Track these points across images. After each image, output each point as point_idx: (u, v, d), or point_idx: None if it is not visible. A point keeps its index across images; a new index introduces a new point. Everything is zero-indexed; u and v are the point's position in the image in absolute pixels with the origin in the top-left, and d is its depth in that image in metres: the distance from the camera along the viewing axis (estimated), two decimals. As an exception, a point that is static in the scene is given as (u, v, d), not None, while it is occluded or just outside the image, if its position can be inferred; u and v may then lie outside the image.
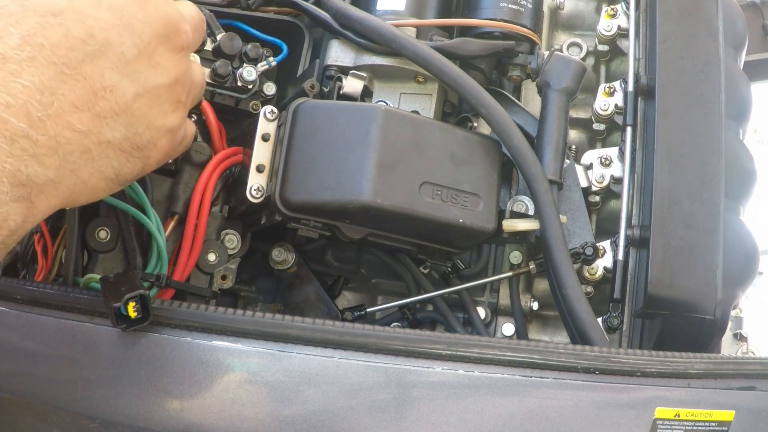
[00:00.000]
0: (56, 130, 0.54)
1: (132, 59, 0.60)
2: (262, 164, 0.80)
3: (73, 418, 0.68)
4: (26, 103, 0.52)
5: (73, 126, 0.55)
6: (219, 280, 0.89)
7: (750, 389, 0.71)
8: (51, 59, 0.54)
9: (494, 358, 0.69)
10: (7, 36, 0.53)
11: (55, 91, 0.54)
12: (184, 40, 0.66)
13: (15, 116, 0.52)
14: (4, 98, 0.51)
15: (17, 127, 0.52)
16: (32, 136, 0.53)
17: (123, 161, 0.61)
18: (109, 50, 0.58)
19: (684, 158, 0.84)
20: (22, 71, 0.53)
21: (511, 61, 0.95)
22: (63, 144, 0.55)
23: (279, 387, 0.68)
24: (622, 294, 0.86)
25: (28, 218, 0.54)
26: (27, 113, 0.52)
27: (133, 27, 0.60)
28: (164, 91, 0.63)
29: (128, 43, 0.59)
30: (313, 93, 0.86)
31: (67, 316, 0.70)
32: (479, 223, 0.81)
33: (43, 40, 0.54)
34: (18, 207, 0.52)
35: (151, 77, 0.61)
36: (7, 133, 0.51)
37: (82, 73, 0.56)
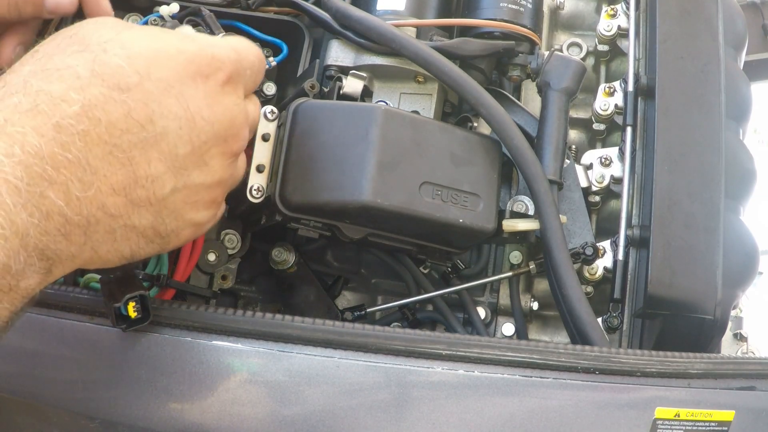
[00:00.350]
0: (90, 211, 0.53)
1: (183, 155, 0.58)
2: (262, 164, 0.80)
3: (73, 418, 0.68)
4: (68, 181, 0.51)
5: (106, 208, 0.54)
6: (219, 280, 0.89)
7: (750, 389, 0.71)
8: (104, 137, 0.53)
9: (494, 358, 0.69)
10: (68, 102, 0.52)
11: (98, 172, 0.53)
12: (240, 146, 0.64)
13: (55, 193, 0.50)
14: (49, 173, 0.50)
15: (55, 204, 0.51)
16: (67, 214, 0.51)
17: (142, 245, 0.59)
18: (164, 141, 0.56)
19: (684, 158, 0.84)
20: (71, 144, 0.51)
21: (511, 61, 0.95)
22: (92, 224, 0.54)
23: (279, 387, 0.68)
24: (622, 294, 0.86)
25: (42, 284, 0.53)
26: (66, 191, 0.51)
27: (195, 123, 0.58)
28: (203, 191, 0.61)
29: (185, 138, 0.57)
30: (313, 93, 0.86)
31: (67, 316, 0.70)
32: (479, 223, 0.81)
33: (101, 114, 0.53)
34: (38, 278, 0.52)
35: (194, 176, 0.59)
36: (45, 209, 0.50)
37: (130, 158, 0.54)
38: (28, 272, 0.50)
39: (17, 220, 0.48)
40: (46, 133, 0.50)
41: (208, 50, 0.60)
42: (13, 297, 0.50)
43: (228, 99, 0.61)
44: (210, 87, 0.59)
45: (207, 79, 0.59)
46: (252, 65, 0.65)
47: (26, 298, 0.52)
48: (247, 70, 0.64)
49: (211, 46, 0.61)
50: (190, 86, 0.58)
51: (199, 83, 0.58)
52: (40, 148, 0.50)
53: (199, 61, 0.59)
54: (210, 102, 0.59)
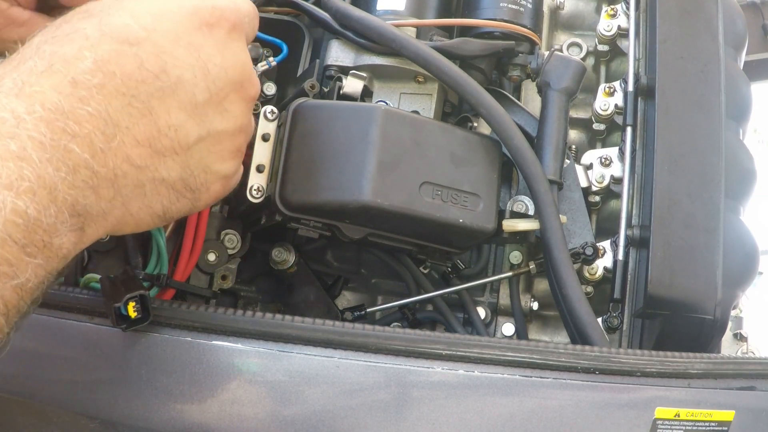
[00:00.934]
0: (115, 163, 0.54)
1: (202, 102, 0.59)
2: (262, 164, 0.80)
3: (73, 418, 0.68)
4: (90, 134, 0.52)
5: (131, 160, 0.55)
6: (219, 280, 0.89)
7: (750, 389, 0.71)
8: (121, 89, 0.54)
9: (494, 358, 0.69)
10: (81, 59, 0.53)
11: (120, 124, 0.54)
12: (254, 91, 0.65)
13: (79, 146, 0.51)
14: (71, 127, 0.51)
15: (80, 157, 0.51)
16: (93, 167, 0.52)
17: (173, 200, 0.60)
18: (181, 89, 0.57)
19: (684, 158, 0.84)
20: (90, 98, 0.52)
21: (511, 61, 0.95)
22: (120, 177, 0.54)
23: (279, 387, 0.68)
24: (622, 294, 0.86)
25: (78, 246, 0.53)
26: (90, 144, 0.52)
27: (209, 70, 0.59)
28: (227, 138, 0.62)
29: (201, 85, 0.58)
30: (313, 93, 0.86)
31: (67, 316, 0.70)
32: (479, 223, 0.81)
33: (116, 68, 0.54)
34: (72, 236, 0.52)
35: (217, 122, 0.61)
36: (71, 163, 0.51)
37: (149, 107, 0.55)
38: (61, 229, 0.50)
39: (44, 174, 0.49)
40: (64, 90, 0.51)
41: (209, 2, 0.61)
42: (48, 255, 0.50)
43: (236, 45, 0.62)
44: (217, 35, 0.60)
45: (212, 28, 0.60)
46: (249, 14, 0.66)
47: (62, 259, 0.52)
48: (245, 18, 0.65)
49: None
50: (197, 36, 0.59)
51: (205, 32, 0.59)
52: (60, 104, 0.51)
53: (201, 12, 0.60)
54: (220, 49, 0.60)
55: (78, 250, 0.54)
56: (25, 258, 0.48)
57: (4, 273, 0.47)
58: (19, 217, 0.47)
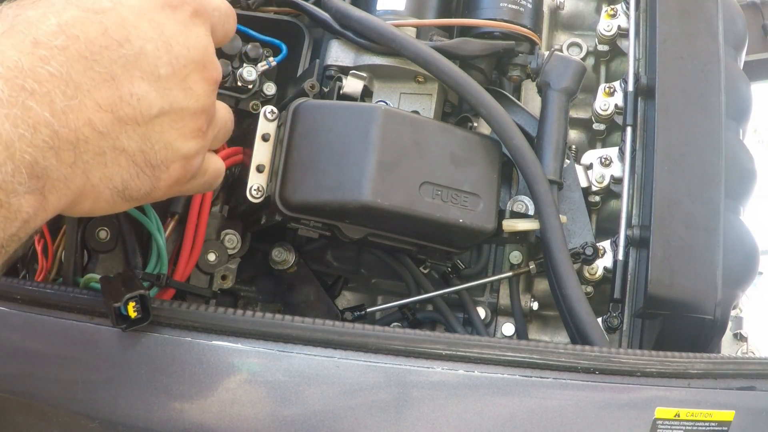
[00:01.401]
0: (77, 125, 0.53)
1: (165, 76, 0.59)
2: (262, 164, 0.80)
3: (73, 418, 0.68)
4: (50, 92, 0.51)
5: (93, 124, 0.55)
6: (219, 280, 0.89)
7: (750, 389, 0.71)
8: (83, 53, 0.54)
9: (494, 358, 0.69)
10: (44, 22, 0.53)
11: (81, 86, 0.54)
12: (217, 74, 0.65)
13: (38, 104, 0.51)
14: (30, 84, 0.50)
15: (40, 115, 0.51)
16: (54, 126, 0.52)
17: (133, 174, 0.60)
18: (144, 60, 0.58)
19: (684, 158, 0.84)
20: (51, 59, 0.52)
21: (511, 61, 0.95)
22: (81, 141, 0.54)
23: (279, 387, 0.68)
24: (622, 294, 0.86)
25: (38, 212, 0.53)
26: (50, 102, 0.52)
27: (172, 47, 0.60)
28: (189, 116, 0.62)
29: (164, 59, 0.59)
30: (313, 93, 0.86)
31: (67, 316, 0.70)
32: (479, 223, 0.81)
33: (79, 32, 0.54)
34: (31, 199, 0.51)
35: (180, 98, 0.61)
36: (30, 120, 0.50)
37: (112, 74, 0.55)
38: (19, 189, 0.50)
39: (1, 130, 0.48)
40: (24, 49, 0.51)
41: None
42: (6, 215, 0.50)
43: (198, 29, 0.63)
44: (179, 16, 0.61)
45: (175, 10, 0.61)
46: (218, 8, 0.67)
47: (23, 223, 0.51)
48: (215, 12, 0.66)
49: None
50: (161, 15, 0.60)
51: (168, 13, 0.61)
52: (20, 62, 0.50)
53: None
54: (182, 29, 0.61)
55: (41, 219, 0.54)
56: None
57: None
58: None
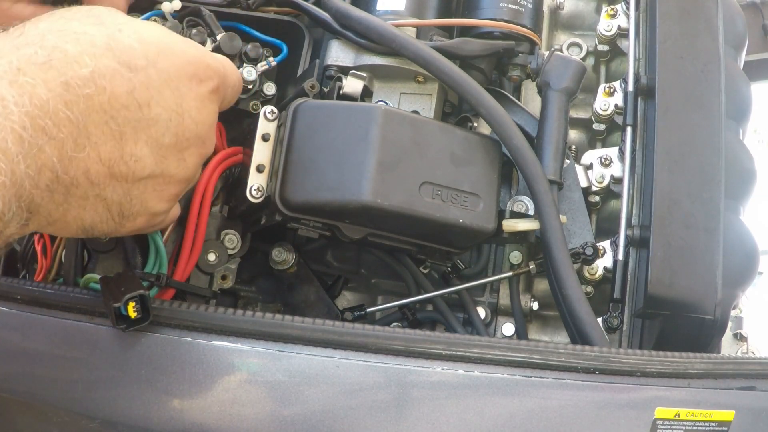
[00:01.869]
0: (76, 173, 0.55)
1: (166, 145, 0.61)
2: (262, 164, 0.80)
3: (73, 418, 0.68)
4: (65, 139, 0.53)
5: (89, 174, 0.56)
6: (219, 280, 0.89)
7: (750, 389, 0.71)
8: (104, 106, 0.55)
9: (494, 358, 0.69)
10: (80, 65, 0.54)
11: (91, 137, 0.55)
12: (210, 150, 0.69)
13: (50, 149, 0.52)
14: (50, 128, 0.52)
15: (49, 159, 0.53)
16: (57, 172, 0.54)
17: (103, 219, 0.62)
18: (154, 127, 0.59)
19: (684, 158, 0.84)
20: (74, 105, 0.53)
21: (511, 61, 0.95)
22: (73, 186, 0.56)
23: (279, 387, 0.68)
24: (622, 294, 0.86)
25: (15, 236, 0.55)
26: (61, 149, 0.53)
27: (183, 119, 0.62)
28: (173, 183, 0.65)
29: (173, 130, 0.61)
30: (313, 93, 0.86)
31: (67, 316, 0.70)
32: (479, 223, 0.81)
33: (107, 84, 0.55)
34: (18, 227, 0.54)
35: (172, 167, 0.63)
36: (39, 162, 0.52)
37: (122, 133, 0.57)
38: (14, 221, 0.52)
39: (17, 170, 0.50)
40: (54, 89, 0.53)
41: (206, 58, 0.65)
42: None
43: (212, 107, 0.66)
44: (201, 91, 0.64)
45: (201, 83, 0.64)
46: (234, 85, 0.71)
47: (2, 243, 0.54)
48: (229, 89, 0.70)
49: (208, 56, 0.66)
50: (186, 85, 0.62)
51: (193, 85, 0.63)
52: (47, 102, 0.52)
53: (197, 63, 0.63)
54: (198, 105, 0.64)
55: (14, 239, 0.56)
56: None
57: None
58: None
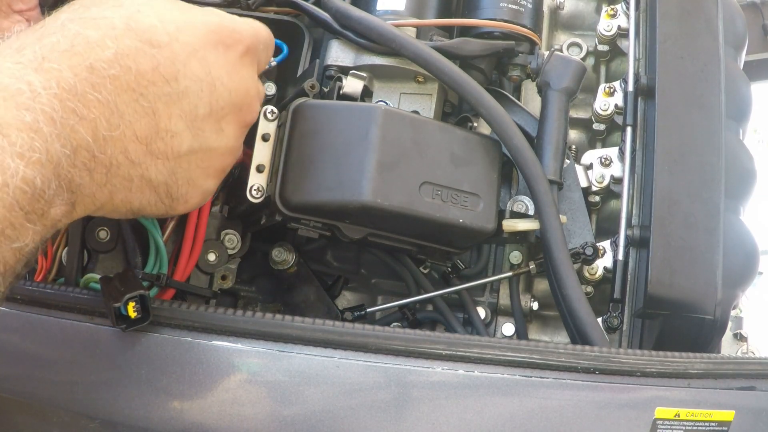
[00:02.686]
0: (113, 152, 0.56)
1: (201, 116, 0.62)
2: (262, 164, 0.80)
3: (73, 418, 0.68)
4: (96, 119, 0.54)
5: (128, 153, 0.57)
6: (219, 280, 0.89)
7: (750, 389, 0.71)
8: (132, 85, 0.56)
9: (494, 358, 0.69)
10: (103, 48, 0.55)
11: (124, 116, 0.56)
12: (252, 117, 0.68)
13: (84, 129, 0.54)
14: (80, 109, 0.53)
15: (84, 139, 0.54)
16: (93, 151, 0.55)
17: (152, 202, 0.62)
18: (185, 100, 0.60)
19: (684, 158, 0.84)
20: (102, 87, 0.55)
21: (511, 61, 0.95)
22: (114, 166, 0.57)
23: (279, 387, 0.68)
24: (622, 294, 0.86)
25: (64, 219, 0.56)
26: (94, 128, 0.54)
27: (215, 88, 0.62)
28: (216, 156, 0.65)
29: (205, 100, 0.61)
30: (313, 93, 0.86)
31: (67, 316, 0.70)
32: (479, 223, 0.81)
33: (132, 63, 0.56)
34: (63, 209, 0.55)
35: (210, 139, 0.63)
36: (74, 142, 0.53)
37: (154, 109, 0.58)
38: (57, 201, 0.53)
39: (52, 149, 0.51)
40: (80, 73, 0.54)
41: (229, 24, 0.65)
42: (44, 223, 0.53)
43: (245, 71, 0.66)
44: (230, 57, 0.64)
45: (228, 49, 0.64)
46: (265, 42, 0.70)
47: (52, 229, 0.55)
48: (261, 46, 0.68)
49: (232, 20, 0.66)
50: (212, 53, 0.62)
51: (220, 51, 0.63)
52: (74, 86, 0.53)
53: (221, 31, 0.63)
54: (229, 70, 0.64)
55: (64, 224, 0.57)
56: (26, 224, 0.51)
57: (7, 236, 0.50)
58: (27, 185, 0.50)
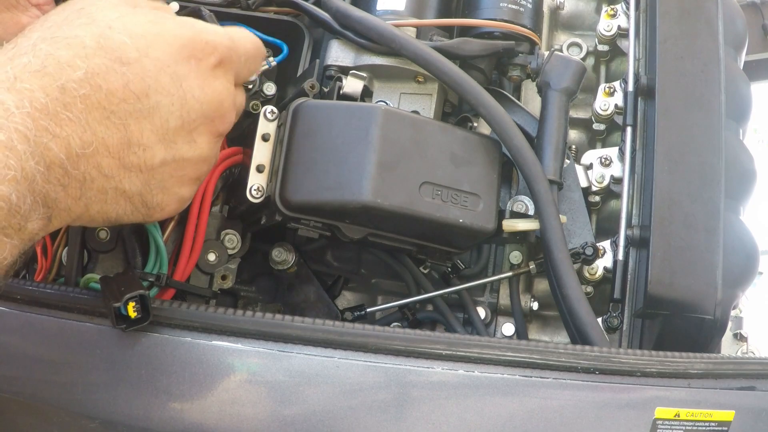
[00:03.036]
0: (86, 168, 0.58)
1: (173, 129, 0.63)
2: (262, 164, 0.80)
3: (73, 418, 0.68)
4: (69, 137, 0.56)
5: (100, 167, 0.59)
6: (219, 280, 0.89)
7: (750, 389, 0.71)
8: (103, 103, 0.57)
9: (494, 358, 0.69)
10: (73, 68, 0.56)
11: (96, 133, 0.57)
12: (225, 128, 0.69)
13: (57, 146, 0.55)
14: (53, 128, 0.55)
15: (57, 156, 0.55)
16: (67, 167, 0.56)
17: (128, 211, 0.64)
18: (156, 114, 0.61)
19: (684, 158, 0.84)
20: (73, 106, 0.56)
21: (511, 61, 0.95)
22: (87, 181, 0.58)
23: (279, 387, 0.68)
24: (622, 294, 0.86)
25: (42, 232, 0.57)
26: (67, 146, 0.56)
27: (186, 101, 0.63)
28: (189, 166, 0.66)
29: (176, 114, 0.62)
30: (313, 93, 0.86)
31: (67, 316, 0.70)
32: (479, 223, 0.81)
33: (102, 82, 0.57)
34: (40, 223, 0.56)
35: (183, 150, 0.64)
36: (48, 160, 0.54)
37: (125, 125, 0.59)
38: (33, 216, 0.54)
39: (26, 166, 0.52)
40: (51, 93, 0.55)
41: (203, 35, 0.65)
42: (21, 237, 0.54)
43: (218, 82, 0.66)
44: (202, 69, 0.64)
45: (200, 62, 0.64)
46: (247, 53, 0.70)
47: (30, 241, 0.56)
48: (242, 57, 0.69)
49: (206, 32, 0.66)
50: (184, 67, 0.63)
51: (192, 65, 0.63)
52: (46, 105, 0.54)
53: (192, 45, 0.63)
54: (201, 83, 0.64)
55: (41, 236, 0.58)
56: (3, 238, 0.52)
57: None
58: (3, 201, 0.51)
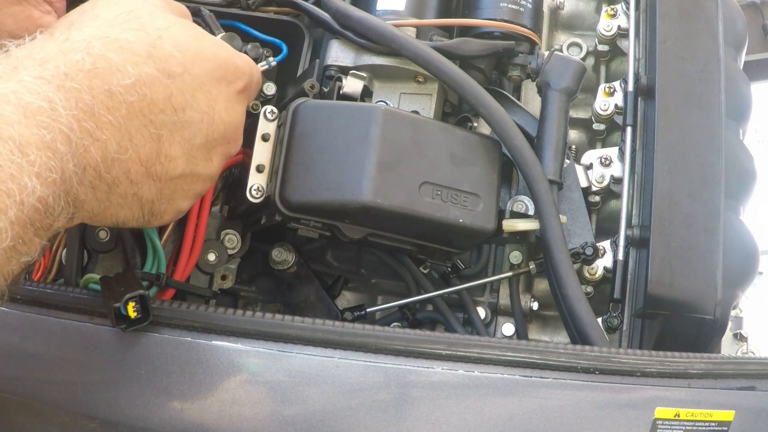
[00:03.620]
0: (117, 173, 0.59)
1: (197, 145, 0.65)
2: (262, 164, 0.80)
3: (73, 418, 0.68)
4: (108, 141, 0.57)
5: (129, 174, 0.60)
6: (219, 280, 0.89)
7: (750, 389, 0.71)
8: (144, 111, 0.59)
9: (494, 358, 0.69)
10: (123, 74, 0.58)
11: (133, 140, 0.59)
12: (235, 151, 0.72)
13: (95, 150, 0.56)
14: (95, 131, 0.56)
15: (93, 159, 0.56)
16: (101, 171, 0.57)
17: (136, 216, 0.65)
18: (187, 129, 0.63)
19: (684, 158, 0.84)
20: (116, 111, 0.57)
21: (511, 61, 0.95)
22: (115, 185, 0.59)
23: (279, 387, 0.68)
24: (622, 294, 0.86)
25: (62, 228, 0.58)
26: (104, 150, 0.57)
27: (214, 121, 0.65)
28: (199, 182, 0.68)
29: (204, 131, 0.64)
30: (313, 93, 0.86)
31: (67, 316, 0.70)
32: (479, 223, 0.81)
33: (148, 91, 0.59)
34: (64, 221, 0.57)
35: (200, 167, 0.66)
36: (84, 162, 0.55)
37: (159, 135, 0.61)
38: (62, 215, 0.55)
39: (66, 169, 0.53)
40: (98, 96, 0.56)
41: (234, 60, 0.68)
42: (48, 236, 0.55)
43: (239, 107, 0.69)
44: (230, 92, 0.67)
45: (229, 85, 0.67)
46: (257, 81, 0.73)
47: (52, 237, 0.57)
48: (254, 85, 0.72)
49: (236, 56, 0.69)
50: (216, 87, 0.65)
51: (223, 87, 0.66)
52: (92, 107, 0.55)
53: (226, 66, 0.66)
54: (227, 106, 0.67)
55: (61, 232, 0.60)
56: (35, 239, 0.53)
57: (18, 251, 0.51)
58: (41, 203, 0.52)
